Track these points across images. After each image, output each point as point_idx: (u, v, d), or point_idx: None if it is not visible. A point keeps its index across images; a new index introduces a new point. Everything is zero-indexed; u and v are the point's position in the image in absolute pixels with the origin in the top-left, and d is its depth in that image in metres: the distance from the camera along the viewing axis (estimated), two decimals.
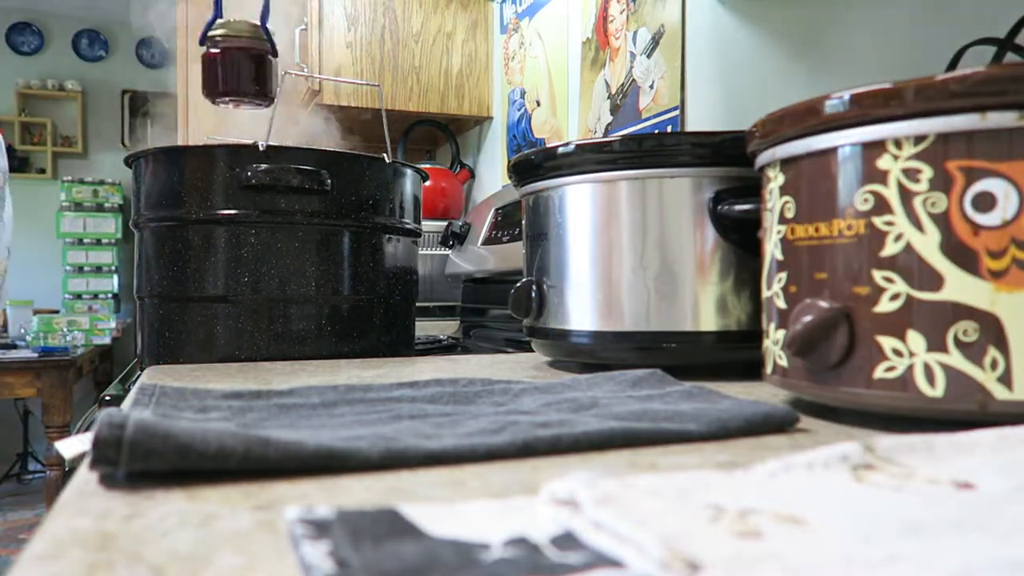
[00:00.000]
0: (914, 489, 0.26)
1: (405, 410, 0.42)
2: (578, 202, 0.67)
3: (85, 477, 0.30)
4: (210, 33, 1.08)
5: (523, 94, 1.94)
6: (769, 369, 0.49)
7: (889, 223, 0.40)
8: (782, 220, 0.46)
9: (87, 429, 0.35)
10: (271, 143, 0.90)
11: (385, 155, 0.91)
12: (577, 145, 0.67)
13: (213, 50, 1.09)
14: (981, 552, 0.20)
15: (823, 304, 0.42)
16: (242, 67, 1.08)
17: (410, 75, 2.06)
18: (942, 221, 0.38)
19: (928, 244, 0.38)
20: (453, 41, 2.11)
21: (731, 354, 0.63)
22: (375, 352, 0.88)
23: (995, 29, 0.67)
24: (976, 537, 0.22)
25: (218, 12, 1.09)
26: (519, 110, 1.95)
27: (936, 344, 0.38)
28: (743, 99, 1.13)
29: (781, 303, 0.46)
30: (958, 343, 0.38)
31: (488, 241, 1.44)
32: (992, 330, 0.37)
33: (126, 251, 4.18)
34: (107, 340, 3.89)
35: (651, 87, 1.36)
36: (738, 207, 0.61)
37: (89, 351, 3.60)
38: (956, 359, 0.38)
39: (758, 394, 0.52)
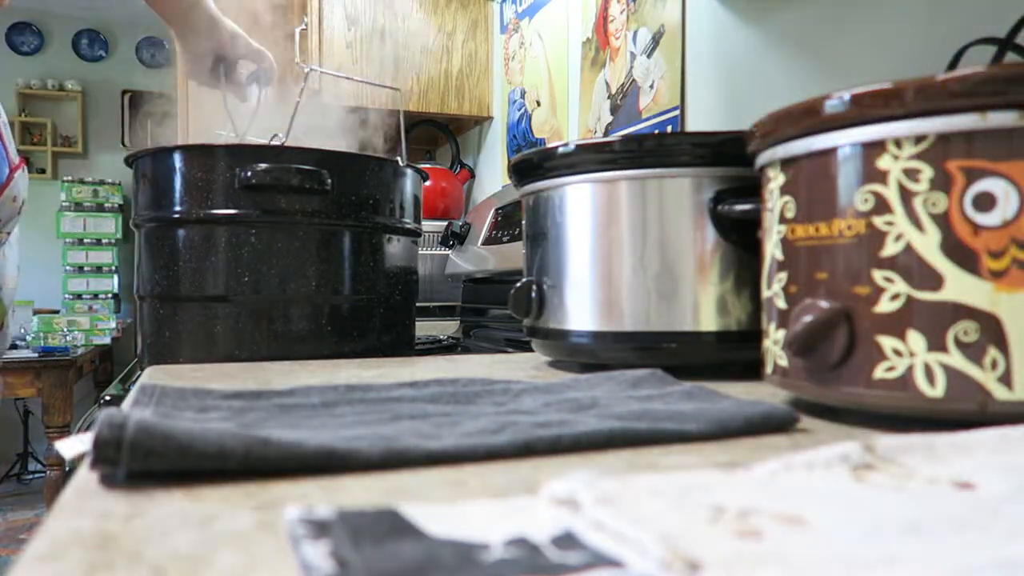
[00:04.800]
0: (914, 489, 0.26)
1: (405, 410, 0.42)
2: (578, 202, 0.67)
3: (85, 477, 0.30)
4: None
5: (523, 94, 1.94)
6: (769, 369, 0.49)
7: (889, 223, 0.40)
8: (782, 220, 0.46)
9: (87, 429, 0.35)
10: (271, 143, 0.90)
11: (399, 158, 0.91)
12: (577, 145, 0.67)
13: None
14: (981, 552, 0.20)
15: (823, 304, 0.42)
16: None
17: (410, 75, 2.06)
18: (942, 221, 0.38)
19: (928, 244, 0.38)
20: (453, 41, 2.11)
21: (731, 354, 0.63)
22: (375, 352, 0.88)
23: (995, 29, 0.67)
24: (976, 537, 0.22)
25: None
26: (519, 110, 1.95)
27: (936, 344, 0.38)
28: (743, 99, 1.13)
29: (781, 303, 0.46)
30: (958, 343, 0.38)
31: (488, 241, 1.44)
32: (992, 330, 0.37)
33: (126, 251, 4.18)
34: (107, 340, 3.89)
35: (651, 87, 1.36)
36: (738, 207, 0.61)
37: (89, 351, 3.60)
38: (956, 359, 0.38)
39: (758, 394, 0.52)
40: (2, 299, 0.97)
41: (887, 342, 0.40)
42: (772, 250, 0.47)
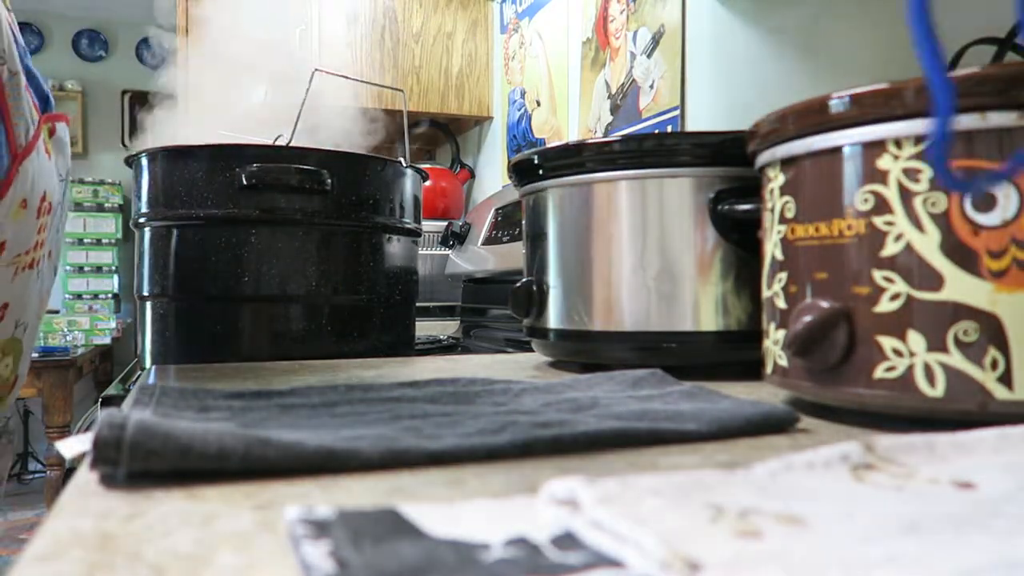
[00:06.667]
0: (914, 489, 0.26)
1: (405, 410, 0.42)
2: (578, 202, 0.67)
3: (85, 477, 0.30)
4: None
5: (523, 94, 1.94)
6: (769, 369, 0.49)
7: (889, 223, 0.40)
8: (782, 220, 0.46)
9: (87, 429, 0.35)
10: (276, 143, 0.90)
11: (402, 158, 0.92)
12: (577, 145, 0.67)
13: None
14: (981, 552, 0.20)
15: (823, 304, 0.42)
16: None
17: (410, 75, 2.06)
18: (942, 221, 0.38)
19: (928, 244, 0.38)
20: (453, 41, 2.11)
21: (731, 354, 0.63)
22: (375, 352, 0.88)
23: (995, 29, 0.67)
24: (976, 537, 0.22)
25: None
26: (519, 110, 1.95)
27: (936, 344, 0.38)
28: (743, 99, 1.13)
29: (781, 303, 0.46)
30: (958, 343, 0.38)
31: (488, 241, 1.44)
32: (992, 330, 0.37)
33: (126, 251, 4.17)
34: (107, 340, 3.89)
35: (651, 87, 1.36)
36: (738, 207, 0.61)
37: (89, 351, 3.60)
38: (956, 359, 0.38)
39: (758, 394, 0.52)
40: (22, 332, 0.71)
41: (887, 342, 0.40)
42: (772, 250, 0.47)
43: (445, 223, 1.64)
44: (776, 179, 0.47)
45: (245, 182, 0.80)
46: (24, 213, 0.64)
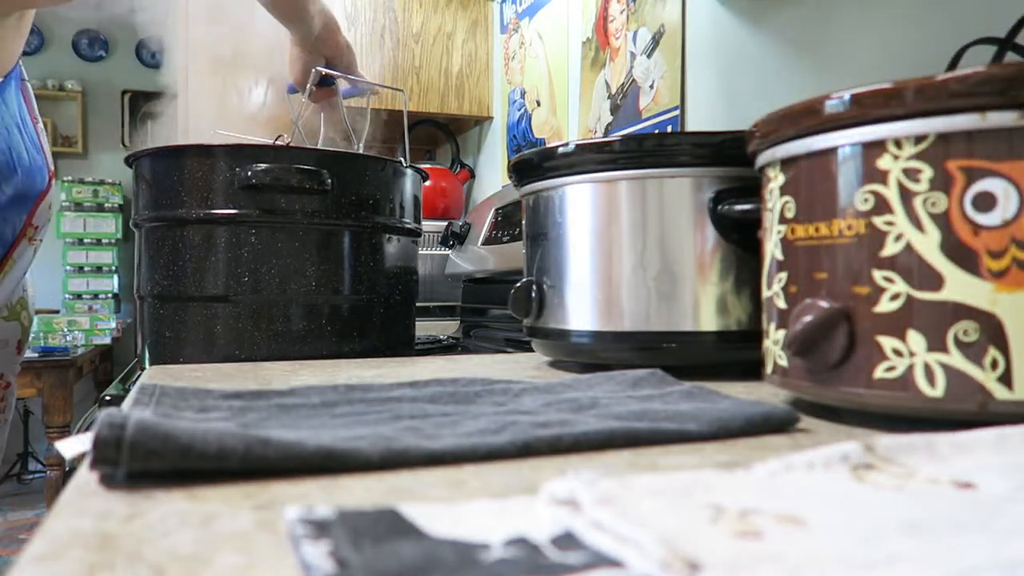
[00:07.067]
0: (914, 489, 0.26)
1: (405, 410, 0.42)
2: (578, 202, 0.67)
3: (85, 477, 0.30)
4: None
5: (523, 94, 1.94)
6: (769, 369, 0.49)
7: (889, 223, 0.40)
8: (782, 220, 0.46)
9: (87, 429, 0.35)
10: (276, 143, 0.90)
11: (403, 159, 0.92)
12: (577, 145, 0.67)
13: None
14: (981, 552, 0.20)
15: (823, 304, 0.42)
16: None
17: (410, 75, 2.06)
18: (942, 221, 0.38)
19: (928, 244, 0.38)
20: (453, 41, 2.11)
21: (731, 354, 0.63)
22: (375, 352, 0.88)
23: (995, 29, 0.67)
24: (976, 537, 0.22)
25: None
26: (519, 110, 1.95)
27: (936, 344, 0.38)
28: (743, 99, 1.13)
29: (781, 303, 0.46)
30: (958, 343, 0.38)
31: (488, 241, 1.44)
32: (992, 330, 0.37)
33: (126, 251, 4.17)
34: (107, 340, 3.89)
35: (651, 87, 1.36)
36: (738, 207, 0.61)
37: (89, 351, 3.60)
38: (956, 359, 0.38)
39: (758, 394, 0.52)
40: (28, 307, 1.00)
41: (887, 342, 0.40)
42: (772, 250, 0.47)
43: (445, 223, 1.64)
44: (776, 179, 0.47)
45: (245, 182, 0.80)
46: (49, 212, 0.94)
